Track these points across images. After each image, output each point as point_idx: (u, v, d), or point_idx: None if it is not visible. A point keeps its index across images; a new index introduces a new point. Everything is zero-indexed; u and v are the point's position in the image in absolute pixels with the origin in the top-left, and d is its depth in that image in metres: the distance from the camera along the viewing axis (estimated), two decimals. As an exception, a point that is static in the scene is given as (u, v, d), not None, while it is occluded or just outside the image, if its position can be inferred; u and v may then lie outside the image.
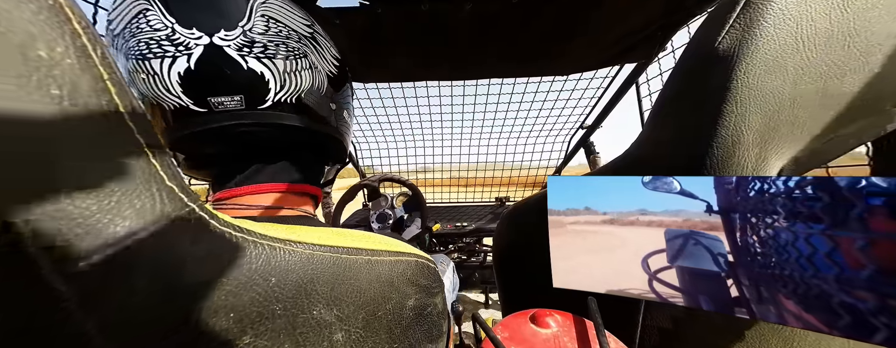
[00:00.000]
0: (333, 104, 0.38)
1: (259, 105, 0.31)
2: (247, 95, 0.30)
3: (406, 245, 0.30)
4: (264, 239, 0.20)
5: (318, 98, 0.35)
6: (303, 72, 0.33)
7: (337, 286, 0.23)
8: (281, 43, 0.31)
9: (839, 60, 0.24)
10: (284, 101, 0.32)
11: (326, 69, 0.36)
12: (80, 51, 0.13)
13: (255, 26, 0.30)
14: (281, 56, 0.31)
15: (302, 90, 0.33)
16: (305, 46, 0.33)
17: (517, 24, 0.75)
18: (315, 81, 0.34)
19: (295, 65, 0.32)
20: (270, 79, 0.31)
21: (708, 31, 0.35)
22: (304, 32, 0.34)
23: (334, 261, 0.24)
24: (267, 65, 0.30)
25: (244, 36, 0.29)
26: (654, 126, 0.40)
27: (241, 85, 0.30)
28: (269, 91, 0.31)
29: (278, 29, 0.31)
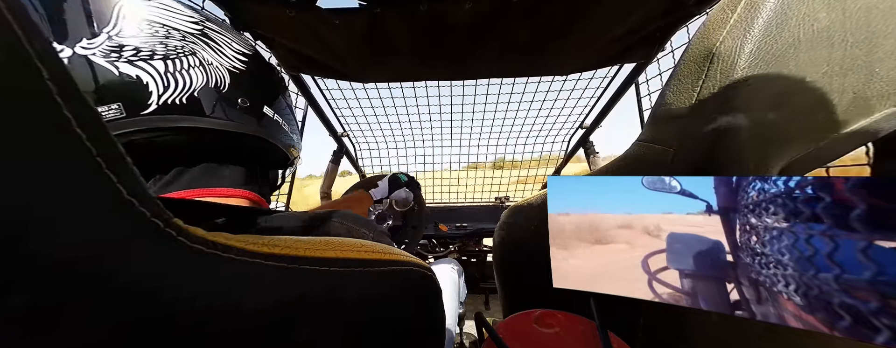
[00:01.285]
0: (245, 101, 0.36)
1: (141, 110, 0.29)
2: (124, 102, 0.28)
3: (402, 253, 0.29)
4: (242, 254, 0.18)
5: (220, 95, 0.33)
6: (191, 69, 0.31)
7: (324, 304, 0.22)
8: (158, 43, 0.30)
9: (839, 60, 0.24)
10: (173, 103, 0.30)
11: (227, 65, 0.34)
12: (10, 43, 0.11)
13: (122, 30, 0.28)
14: (159, 56, 0.29)
15: (193, 89, 0.31)
16: (192, 44, 0.32)
17: (516, 23, 0.75)
18: (211, 78, 0.33)
19: (180, 64, 0.30)
20: (149, 81, 0.29)
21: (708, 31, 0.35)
22: (190, 29, 0.32)
23: (321, 277, 0.22)
24: (143, 67, 0.29)
25: (110, 41, 0.28)
26: (653, 126, 0.40)
27: (115, 92, 0.28)
28: (150, 94, 0.29)
29: (154, 29, 0.30)
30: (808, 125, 0.27)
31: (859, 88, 0.24)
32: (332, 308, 0.22)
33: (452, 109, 1.44)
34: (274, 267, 0.19)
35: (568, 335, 0.34)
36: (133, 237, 0.14)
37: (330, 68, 0.96)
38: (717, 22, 0.33)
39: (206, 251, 0.17)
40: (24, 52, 0.11)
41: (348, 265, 0.23)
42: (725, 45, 0.32)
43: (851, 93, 0.24)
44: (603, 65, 1.00)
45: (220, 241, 0.18)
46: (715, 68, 0.33)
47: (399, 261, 0.28)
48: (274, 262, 0.20)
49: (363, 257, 0.25)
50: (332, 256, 0.23)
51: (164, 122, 0.30)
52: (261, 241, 0.20)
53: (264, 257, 0.19)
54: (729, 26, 0.32)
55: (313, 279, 0.21)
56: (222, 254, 0.17)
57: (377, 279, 0.25)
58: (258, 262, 0.19)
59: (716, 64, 0.33)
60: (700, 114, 0.34)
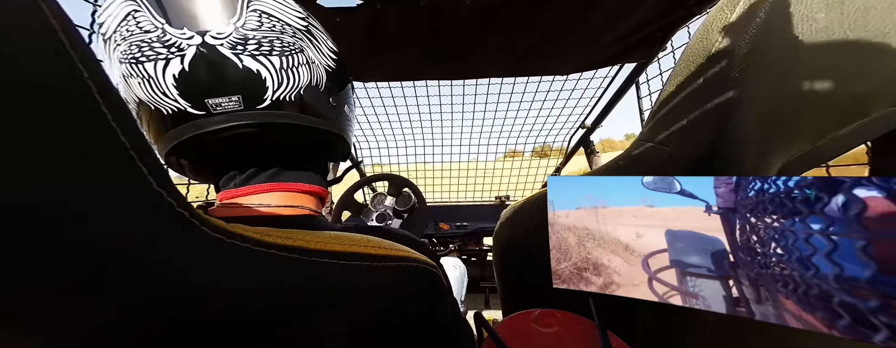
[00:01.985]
0: (333, 100, 0.37)
1: (257, 104, 0.30)
2: (244, 95, 0.29)
3: (408, 249, 0.29)
4: (259, 245, 0.19)
5: (318, 94, 0.34)
6: (300, 67, 0.32)
7: (333, 295, 0.22)
8: (275, 38, 0.30)
9: (839, 59, 0.24)
10: (284, 99, 0.31)
11: (324, 63, 0.35)
12: (55, 47, 0.12)
13: (247, 22, 0.29)
14: (276, 52, 0.30)
15: (301, 86, 0.32)
16: (301, 41, 0.32)
17: (517, 21, 0.74)
18: (314, 77, 0.33)
19: (292, 60, 0.31)
20: (267, 76, 0.30)
21: (708, 30, 0.35)
22: (299, 26, 0.32)
23: (331, 269, 0.23)
24: (262, 62, 0.29)
25: (236, 33, 0.28)
26: (654, 125, 0.40)
27: (237, 85, 0.29)
28: (266, 89, 0.30)
29: (272, 24, 0.30)
30: (808, 124, 0.27)
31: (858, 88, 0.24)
32: (341, 299, 0.23)
33: (453, 109, 1.44)
34: (288, 257, 0.21)
35: (567, 335, 0.34)
36: (161, 225, 0.16)
37: None
38: (718, 22, 0.33)
39: (227, 240, 0.18)
40: (67, 55, 0.13)
41: (357, 259, 0.24)
42: (725, 44, 0.32)
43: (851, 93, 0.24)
44: (603, 64, 0.99)
45: (239, 232, 0.19)
46: (715, 68, 0.33)
47: (406, 257, 0.28)
48: (287, 253, 0.21)
49: (371, 252, 0.26)
50: (342, 250, 0.24)
51: (273, 118, 0.31)
52: (276, 233, 0.21)
53: (279, 248, 0.20)
54: (729, 26, 0.32)
55: (324, 271, 0.22)
56: (240, 244, 0.19)
57: (385, 273, 0.26)
58: (273, 253, 0.20)
59: (716, 63, 0.33)
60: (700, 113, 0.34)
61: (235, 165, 0.35)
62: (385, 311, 0.26)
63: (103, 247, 0.14)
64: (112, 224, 0.14)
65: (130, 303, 0.15)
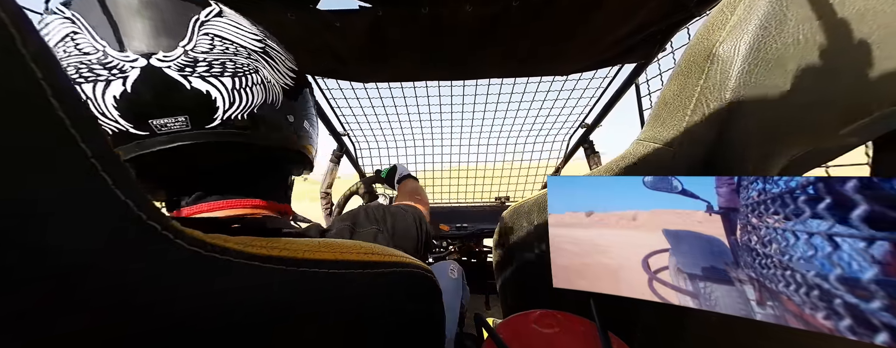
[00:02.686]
0: (291, 117, 0.37)
1: (206, 124, 0.30)
2: (192, 115, 0.29)
3: (402, 254, 0.29)
4: (240, 257, 0.18)
5: (274, 112, 0.35)
6: (253, 87, 0.32)
7: (323, 305, 0.22)
8: (228, 60, 0.31)
9: (839, 60, 0.24)
10: (235, 118, 0.31)
11: (281, 82, 0.36)
12: (4, 44, 0.11)
13: (197, 45, 0.29)
14: (228, 73, 0.30)
15: (253, 106, 0.32)
16: (255, 62, 0.33)
17: (517, 25, 0.74)
18: (268, 96, 0.34)
19: (244, 81, 0.31)
20: (217, 96, 0.30)
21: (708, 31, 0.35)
22: (254, 47, 0.33)
23: (320, 279, 0.22)
24: (213, 83, 0.29)
25: (185, 56, 0.29)
26: (654, 126, 0.40)
27: (184, 105, 0.29)
28: (217, 109, 0.30)
29: (224, 46, 0.31)
30: (808, 125, 0.27)
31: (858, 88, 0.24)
32: (332, 309, 0.22)
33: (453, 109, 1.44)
34: (272, 269, 0.19)
35: (567, 335, 0.34)
36: (129, 239, 0.14)
37: (330, 69, 0.96)
38: (718, 23, 0.33)
39: (204, 253, 0.17)
40: (17, 53, 0.11)
41: (347, 267, 0.23)
42: (726, 45, 0.32)
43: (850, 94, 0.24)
44: (603, 65, 0.99)
45: (218, 244, 0.18)
46: (715, 68, 0.33)
47: (399, 262, 0.27)
48: (272, 264, 0.19)
49: (362, 259, 0.25)
50: (331, 258, 0.23)
51: (223, 137, 0.31)
52: (259, 243, 0.20)
53: (263, 259, 0.19)
54: (729, 27, 0.32)
55: (312, 281, 0.21)
56: (219, 257, 0.17)
57: (376, 280, 0.25)
58: (256, 264, 0.19)
59: (716, 64, 0.33)
60: (700, 114, 0.34)
61: (189, 183, 0.35)
62: (380, 318, 0.25)
63: (61, 267, 0.12)
64: (70, 240, 0.12)
65: (97, 326, 0.13)
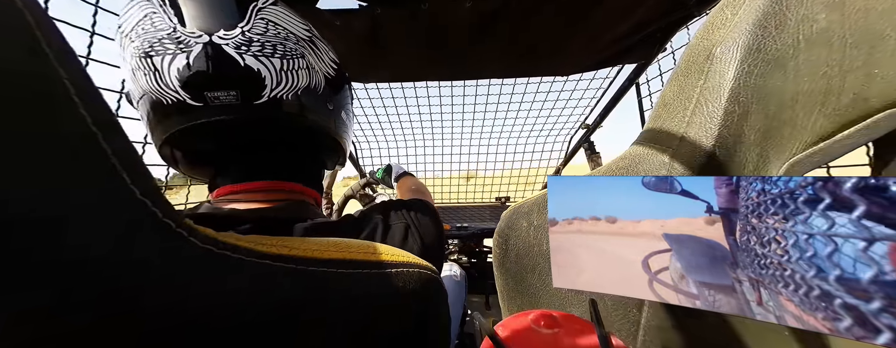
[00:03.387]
0: (331, 105, 0.39)
1: (255, 100, 0.32)
2: (243, 90, 0.31)
3: (408, 254, 0.29)
4: (251, 255, 0.19)
5: (315, 97, 0.37)
6: (299, 71, 0.34)
7: (331, 304, 0.22)
8: (278, 43, 0.33)
9: (838, 60, 0.24)
10: (281, 97, 0.33)
11: (324, 70, 0.38)
12: (29, 45, 0.11)
13: (254, 27, 0.32)
14: (278, 55, 0.32)
15: (298, 88, 0.34)
16: (303, 48, 0.35)
17: (517, 24, 0.74)
18: (312, 81, 0.36)
19: (292, 64, 0.34)
20: (267, 75, 0.32)
21: (708, 31, 0.35)
22: (303, 36, 0.36)
23: (330, 278, 0.22)
24: (263, 62, 0.32)
25: (242, 35, 0.31)
26: (654, 126, 0.40)
27: (237, 80, 0.31)
28: (265, 87, 0.32)
29: (277, 31, 0.33)
30: (808, 125, 0.27)
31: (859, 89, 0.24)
32: (339, 308, 0.22)
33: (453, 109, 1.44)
34: (282, 267, 0.20)
35: (567, 335, 0.34)
36: (145, 236, 0.15)
37: None
38: (718, 22, 0.33)
39: (216, 251, 0.17)
40: (42, 54, 0.12)
41: (355, 267, 0.24)
42: (726, 45, 0.32)
43: (851, 94, 0.24)
44: (604, 65, 1.00)
45: (230, 242, 0.18)
46: (715, 69, 0.33)
47: (405, 262, 0.28)
48: (282, 263, 0.20)
49: (370, 259, 0.25)
50: (340, 258, 0.23)
51: (269, 113, 0.33)
52: (270, 242, 0.20)
53: (273, 258, 0.20)
54: (729, 27, 0.32)
55: (320, 280, 0.22)
56: (231, 255, 0.18)
57: (383, 280, 0.25)
58: (266, 263, 0.19)
59: (716, 64, 0.33)
60: (700, 114, 0.34)
61: (231, 161, 0.37)
62: (386, 319, 0.26)
63: (80, 264, 0.13)
64: (89, 238, 0.13)
65: (111, 322, 0.14)
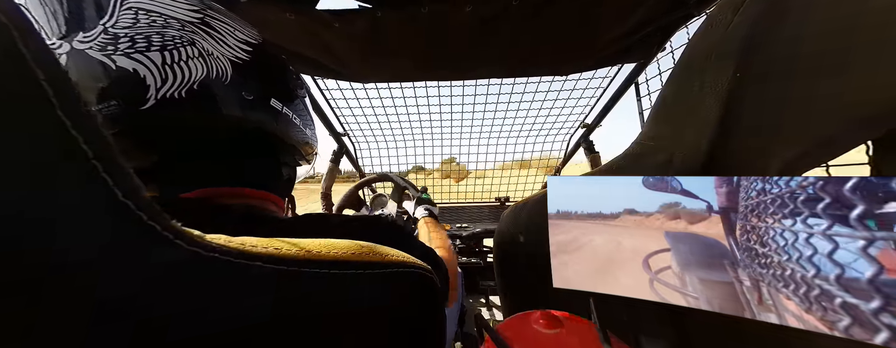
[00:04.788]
0: (248, 94, 0.34)
1: (140, 105, 0.28)
2: (124, 97, 0.27)
3: (404, 254, 0.28)
4: (241, 257, 0.18)
5: (223, 88, 0.32)
6: (190, 61, 0.29)
7: (325, 305, 0.21)
8: (154, 34, 0.28)
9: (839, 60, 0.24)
10: (171, 96, 0.28)
11: (229, 55, 0.33)
12: (5, 45, 0.11)
13: (119, 21, 0.27)
14: (155, 48, 0.28)
15: (193, 81, 0.29)
16: (191, 33, 0.30)
17: (517, 25, 0.75)
18: (212, 70, 0.31)
19: (177, 55, 0.29)
20: (147, 74, 0.27)
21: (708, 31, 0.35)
22: (189, 18, 0.31)
23: (322, 279, 0.22)
24: (138, 59, 0.27)
25: (105, 33, 0.27)
26: (653, 126, 0.40)
27: (113, 87, 0.27)
28: (148, 88, 0.28)
29: (151, 19, 0.28)
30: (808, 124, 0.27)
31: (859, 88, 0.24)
32: (333, 309, 0.22)
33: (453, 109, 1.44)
34: (274, 269, 0.19)
35: (568, 335, 0.34)
36: (129, 240, 0.14)
37: (330, 69, 0.96)
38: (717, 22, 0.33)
39: (205, 254, 0.17)
40: (18, 55, 0.11)
41: (349, 267, 0.23)
42: (725, 44, 0.32)
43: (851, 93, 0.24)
44: (603, 65, 1.00)
45: (219, 244, 0.18)
46: (715, 68, 0.33)
47: (400, 262, 0.27)
48: (273, 265, 0.19)
49: (364, 259, 0.25)
50: (332, 258, 0.23)
51: (161, 119, 0.29)
52: (261, 244, 0.20)
53: (264, 259, 0.19)
54: (729, 26, 0.32)
55: (314, 281, 0.21)
56: (220, 257, 0.17)
57: (378, 280, 0.25)
58: (257, 265, 0.19)
59: (716, 63, 0.33)
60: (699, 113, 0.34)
61: (163, 173, 0.33)
62: (381, 317, 0.25)
63: (63, 268, 0.12)
64: (71, 242, 0.12)
65: (98, 328, 0.13)
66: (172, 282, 0.16)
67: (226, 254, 0.18)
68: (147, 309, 0.15)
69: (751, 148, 0.31)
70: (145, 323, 0.15)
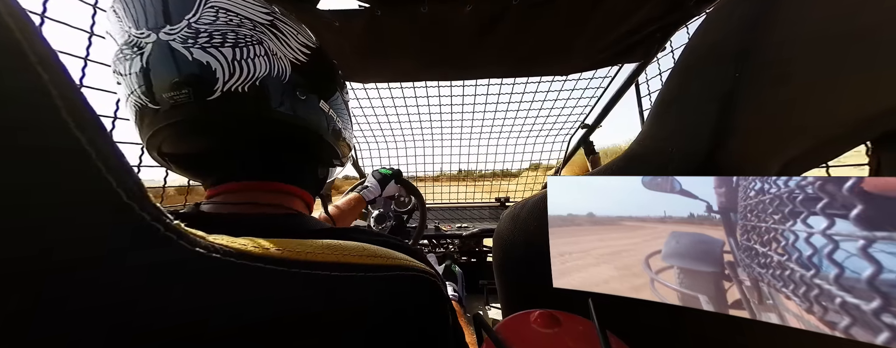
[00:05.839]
0: (302, 94, 0.36)
1: (208, 96, 0.30)
2: (194, 87, 0.29)
3: (406, 257, 0.28)
4: (243, 258, 0.18)
5: (281, 86, 0.34)
6: (256, 59, 0.32)
7: (328, 308, 0.21)
8: (230, 31, 0.31)
9: (838, 59, 0.24)
10: (235, 90, 0.31)
11: (290, 56, 0.35)
12: (11, 48, 0.11)
13: (201, 17, 0.30)
14: (228, 44, 0.30)
15: (256, 77, 0.32)
16: (260, 34, 0.32)
17: (517, 24, 0.75)
18: (274, 69, 0.33)
19: (246, 52, 0.31)
20: (217, 67, 0.30)
21: (707, 31, 0.35)
22: (261, 20, 0.33)
23: (324, 281, 0.21)
24: (213, 54, 0.30)
25: (189, 28, 0.29)
26: (653, 126, 0.40)
27: (187, 77, 0.29)
28: (216, 80, 0.30)
29: (228, 18, 0.31)
30: (808, 124, 0.27)
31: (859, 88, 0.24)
32: (334, 313, 0.22)
33: (453, 109, 1.44)
34: (275, 271, 0.19)
35: (567, 335, 0.34)
36: (131, 241, 0.14)
37: None
38: (717, 21, 0.33)
39: (206, 254, 0.17)
40: (24, 58, 0.11)
41: (352, 270, 0.23)
42: (725, 44, 0.32)
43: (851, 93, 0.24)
44: (603, 65, 1.00)
45: (222, 245, 0.18)
46: (714, 68, 0.33)
47: (403, 265, 0.27)
48: (274, 266, 0.19)
49: (367, 262, 0.25)
50: (335, 260, 0.23)
51: (225, 109, 0.31)
52: (263, 245, 0.20)
53: (266, 260, 0.19)
54: (729, 26, 0.32)
55: (316, 283, 0.21)
56: (223, 258, 0.17)
57: (380, 285, 0.25)
58: (259, 266, 0.19)
59: (715, 63, 0.33)
60: (699, 113, 0.34)
61: (209, 163, 0.35)
62: (384, 323, 0.25)
63: (64, 271, 0.12)
64: (74, 243, 0.13)
65: (99, 329, 0.13)
66: (175, 282, 0.16)
67: (228, 254, 0.18)
68: (150, 309, 0.15)
69: (750, 148, 0.31)
70: (146, 322, 0.15)
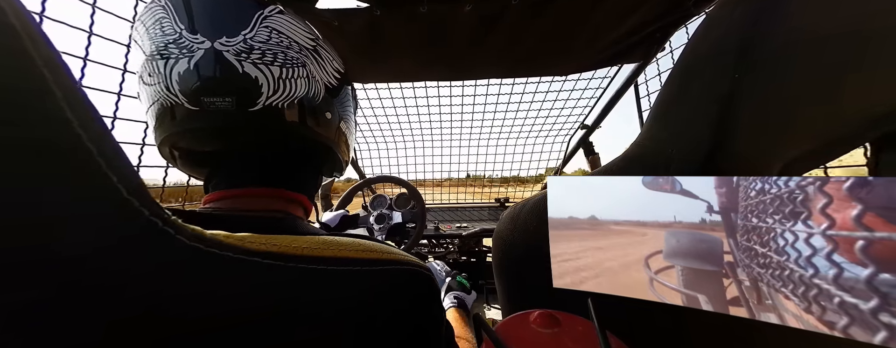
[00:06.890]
0: (329, 114, 0.39)
1: (250, 107, 0.32)
2: (238, 97, 0.31)
3: (401, 253, 0.29)
4: (239, 252, 0.18)
5: (314, 107, 0.37)
6: (298, 80, 0.34)
7: (322, 302, 0.22)
8: (280, 52, 0.33)
9: (838, 60, 0.24)
10: (275, 106, 0.33)
11: (325, 80, 0.38)
12: (16, 49, 0.12)
13: (257, 35, 0.32)
14: (277, 63, 0.33)
15: (295, 97, 0.34)
16: (305, 57, 0.35)
17: (516, 24, 0.75)
18: (311, 90, 0.36)
19: (291, 73, 0.34)
20: (264, 83, 0.32)
21: (707, 31, 0.35)
22: (306, 45, 0.36)
23: (319, 276, 0.22)
24: (262, 70, 0.32)
25: (244, 43, 0.32)
26: (653, 126, 0.40)
27: (233, 87, 0.31)
28: (261, 94, 0.32)
29: (279, 39, 0.33)
30: (807, 125, 0.27)
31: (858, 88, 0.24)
32: (330, 306, 0.22)
33: (452, 109, 1.44)
34: (271, 265, 0.20)
35: (567, 335, 0.34)
36: (131, 235, 0.15)
37: None
38: (717, 22, 0.33)
39: (204, 249, 0.17)
40: (29, 58, 0.12)
41: (347, 264, 0.24)
42: (724, 45, 0.32)
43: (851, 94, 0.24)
44: (603, 65, 1.00)
45: (219, 239, 0.18)
46: (714, 68, 0.33)
47: (398, 260, 0.28)
48: (271, 260, 0.20)
49: (362, 257, 0.25)
50: (331, 255, 0.23)
51: (264, 121, 0.33)
52: (259, 240, 0.20)
53: (262, 255, 0.19)
54: (728, 26, 0.32)
55: (311, 277, 0.21)
56: (219, 252, 0.18)
57: (376, 278, 0.25)
58: (255, 260, 0.19)
59: (714, 64, 0.33)
60: (699, 113, 0.34)
61: (225, 164, 0.37)
62: (379, 317, 0.25)
63: (67, 264, 0.13)
64: (75, 237, 0.13)
65: (100, 321, 0.14)
66: (173, 276, 0.16)
67: (225, 249, 0.18)
68: (147, 301, 0.15)
69: (750, 149, 0.31)
70: (144, 314, 0.15)
